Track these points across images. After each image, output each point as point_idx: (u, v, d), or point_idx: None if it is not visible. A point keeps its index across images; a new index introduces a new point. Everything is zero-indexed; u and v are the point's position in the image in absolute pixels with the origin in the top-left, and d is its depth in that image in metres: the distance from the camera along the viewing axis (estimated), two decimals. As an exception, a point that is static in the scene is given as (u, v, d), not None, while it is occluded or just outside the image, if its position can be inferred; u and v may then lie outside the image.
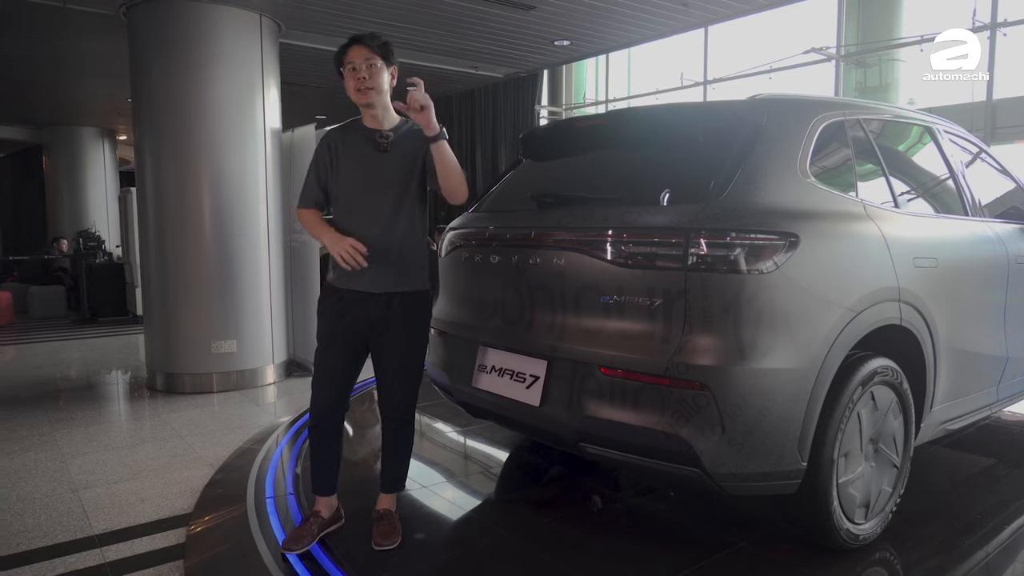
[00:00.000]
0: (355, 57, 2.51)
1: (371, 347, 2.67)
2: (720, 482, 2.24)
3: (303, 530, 2.67)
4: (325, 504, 2.76)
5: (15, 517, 3.14)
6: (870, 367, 2.49)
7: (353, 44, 2.52)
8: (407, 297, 2.62)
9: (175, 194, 5.45)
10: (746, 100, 2.69)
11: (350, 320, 2.61)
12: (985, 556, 2.62)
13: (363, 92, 2.52)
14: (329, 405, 2.66)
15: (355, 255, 2.48)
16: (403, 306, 2.61)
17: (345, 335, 2.63)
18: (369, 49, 2.51)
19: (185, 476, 3.65)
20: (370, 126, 2.61)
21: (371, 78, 2.51)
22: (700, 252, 2.22)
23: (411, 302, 2.63)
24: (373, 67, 2.52)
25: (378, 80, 2.53)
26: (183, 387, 5.55)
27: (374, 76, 2.52)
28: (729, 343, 2.19)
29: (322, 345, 2.68)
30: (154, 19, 5.39)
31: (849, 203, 2.60)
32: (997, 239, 3.28)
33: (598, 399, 2.40)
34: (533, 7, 6.04)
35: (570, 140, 3.09)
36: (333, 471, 2.75)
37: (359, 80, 2.51)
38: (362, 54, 2.51)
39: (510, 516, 3.03)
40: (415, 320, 2.66)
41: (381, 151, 2.56)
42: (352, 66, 2.52)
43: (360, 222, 2.57)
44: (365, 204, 2.58)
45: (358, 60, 2.51)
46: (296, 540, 2.63)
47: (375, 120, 2.61)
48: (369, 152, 2.57)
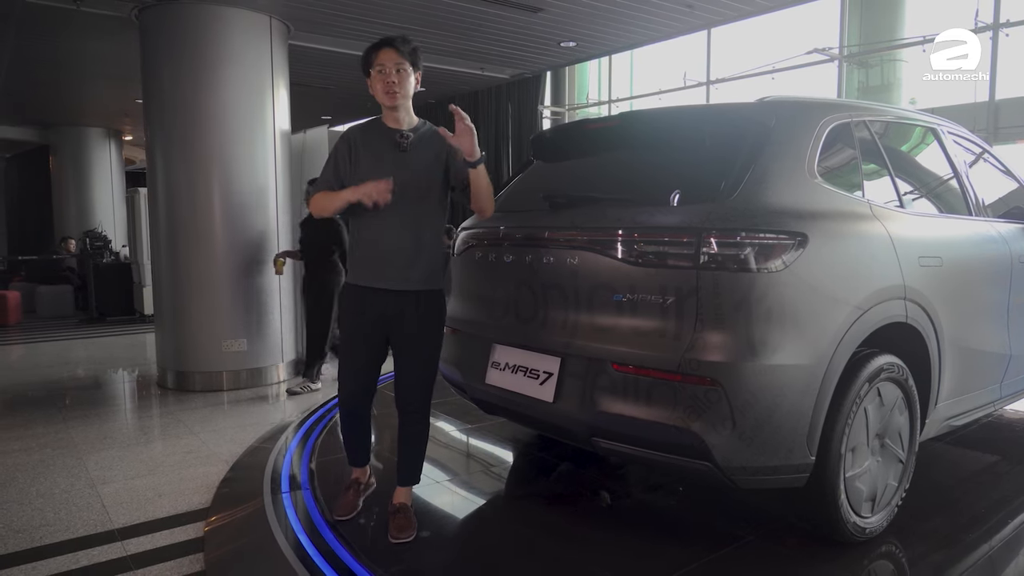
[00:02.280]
0: (386, 60, 2.55)
1: (392, 341, 2.74)
2: (731, 476, 2.30)
3: (348, 498, 2.92)
4: (361, 472, 3.02)
5: (36, 512, 3.20)
6: (877, 364, 2.54)
7: (384, 47, 2.56)
8: (424, 295, 2.68)
9: (186, 194, 5.51)
10: (755, 102, 2.75)
11: (371, 316, 2.68)
12: (989, 550, 2.67)
13: (391, 95, 2.58)
14: (356, 393, 2.81)
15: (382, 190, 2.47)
16: (421, 304, 2.68)
17: (367, 329, 2.71)
18: (400, 53, 2.56)
19: (200, 472, 3.71)
20: (391, 126, 2.66)
21: (400, 83, 2.57)
22: (711, 251, 2.28)
23: (429, 300, 2.70)
24: (403, 71, 2.57)
25: (406, 84, 2.59)
26: (194, 385, 5.61)
27: (403, 80, 2.57)
28: (740, 340, 2.25)
29: (346, 339, 2.79)
30: (165, 21, 5.46)
31: (856, 203, 2.65)
32: (1000, 238, 3.33)
33: (611, 395, 2.46)
34: (540, 9, 6.09)
35: (581, 142, 3.15)
36: (366, 444, 3.00)
37: (388, 84, 2.56)
38: (392, 58, 2.55)
39: (522, 511, 3.09)
40: (433, 318, 2.73)
41: (401, 151, 2.62)
42: (381, 68, 2.56)
43: (381, 221, 2.62)
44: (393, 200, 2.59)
45: (388, 63, 2.55)
46: (345, 508, 2.90)
47: (396, 121, 2.66)
48: (390, 151, 2.62)
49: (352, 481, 3.00)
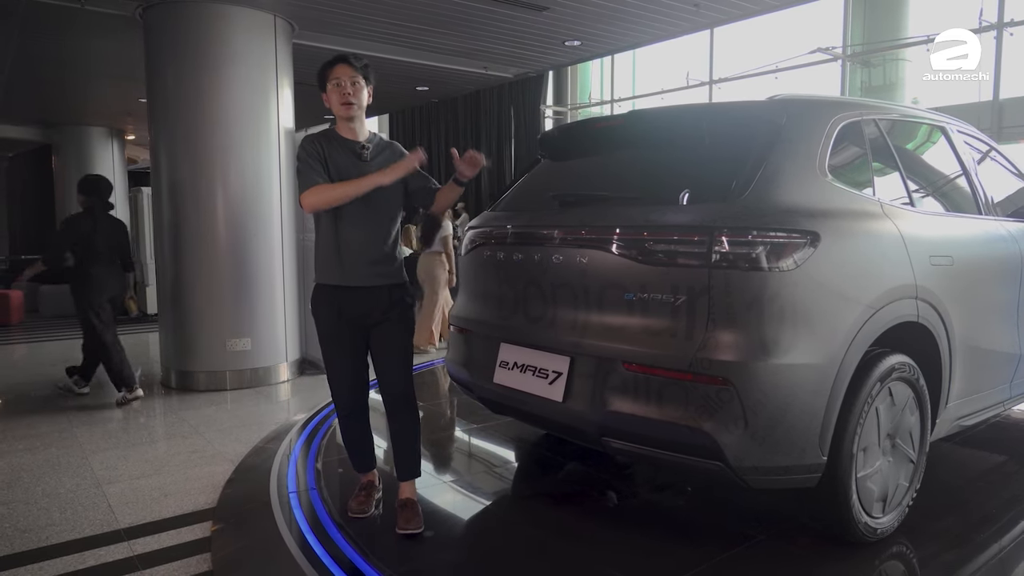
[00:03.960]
0: (341, 74, 2.68)
1: (370, 335, 2.81)
2: (743, 475, 2.28)
3: (362, 499, 2.96)
4: (371, 476, 3.06)
5: (42, 511, 3.19)
6: (888, 363, 2.53)
7: (339, 62, 2.70)
8: (396, 288, 2.81)
9: (190, 193, 5.51)
10: (765, 100, 2.73)
11: (349, 316, 2.75)
12: (1000, 550, 2.65)
13: (348, 106, 2.70)
14: (350, 396, 2.88)
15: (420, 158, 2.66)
16: (394, 296, 2.80)
17: (346, 330, 2.78)
18: (354, 68, 2.69)
19: (206, 472, 3.70)
20: (347, 137, 2.76)
21: (355, 95, 2.70)
22: (723, 250, 2.26)
23: (400, 293, 2.83)
24: (357, 84, 2.70)
25: (361, 97, 2.72)
26: (197, 384, 5.61)
27: (358, 93, 2.70)
28: (752, 339, 2.23)
29: (326, 344, 2.84)
30: (169, 20, 5.45)
31: (867, 202, 2.64)
32: (1010, 237, 3.31)
33: (621, 394, 2.44)
34: (546, 8, 6.08)
35: (589, 141, 3.13)
36: (369, 447, 3.04)
37: (344, 96, 2.68)
38: (347, 72, 2.68)
39: (529, 510, 3.08)
40: (405, 307, 2.85)
41: (362, 160, 2.74)
42: (337, 82, 2.68)
43: (355, 227, 2.71)
44: (358, 209, 2.69)
45: (344, 77, 2.68)
46: (358, 506, 2.94)
47: (352, 132, 2.77)
48: (352, 161, 2.72)
49: (364, 484, 3.03)
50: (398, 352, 2.84)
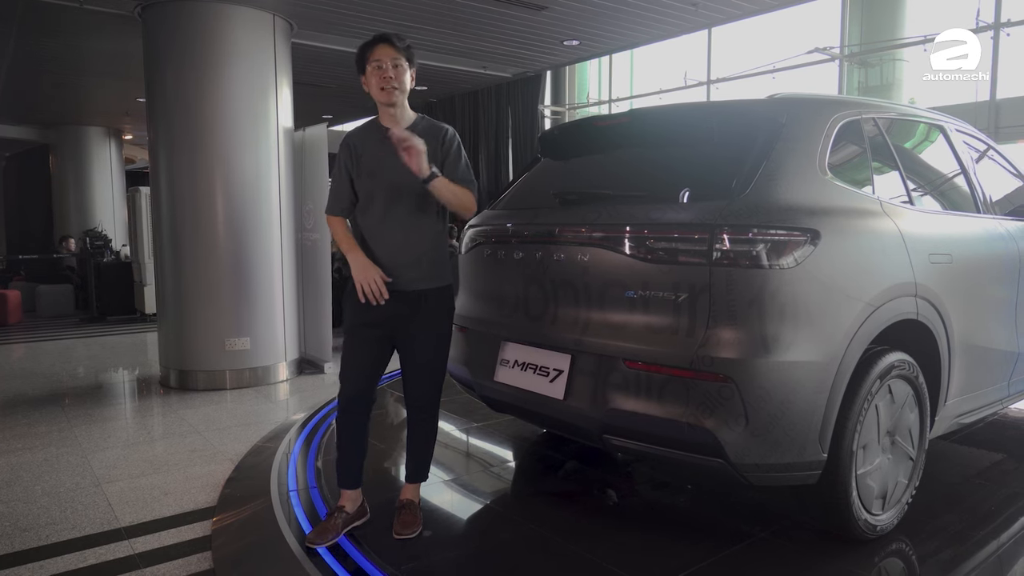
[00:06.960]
0: (382, 55, 2.53)
1: (397, 340, 2.71)
2: (744, 472, 2.29)
3: (328, 524, 2.69)
4: (350, 498, 2.76)
5: (42, 510, 3.19)
6: (888, 361, 2.54)
7: (380, 42, 2.54)
8: (430, 294, 2.67)
9: (189, 192, 5.50)
10: (766, 99, 2.75)
11: (376, 315, 2.63)
12: (998, 547, 2.66)
13: (388, 91, 2.55)
14: (357, 394, 2.70)
15: (377, 290, 2.55)
16: (429, 302, 2.66)
17: (371, 329, 2.67)
18: (396, 49, 2.54)
19: (206, 471, 3.70)
20: (387, 124, 2.61)
21: (397, 77, 2.55)
22: (724, 248, 2.27)
23: (437, 297, 2.69)
24: (399, 67, 2.55)
25: (403, 80, 2.57)
26: (196, 384, 5.60)
27: (400, 75, 2.55)
28: (753, 336, 2.24)
29: (348, 336, 2.72)
30: (168, 19, 5.45)
31: (867, 200, 2.65)
32: (1009, 236, 3.33)
33: (623, 392, 2.45)
34: (545, 7, 6.09)
35: (590, 139, 3.14)
36: (358, 463, 2.77)
37: (385, 79, 2.53)
38: (389, 53, 2.54)
39: (530, 508, 3.08)
40: (441, 314, 2.72)
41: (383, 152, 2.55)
42: (378, 63, 2.53)
43: (381, 221, 2.61)
44: (390, 201, 2.60)
45: (385, 58, 2.53)
46: (321, 534, 2.66)
47: (392, 119, 2.62)
48: (390, 150, 2.49)
49: (338, 508, 2.74)
50: (425, 361, 2.69)
